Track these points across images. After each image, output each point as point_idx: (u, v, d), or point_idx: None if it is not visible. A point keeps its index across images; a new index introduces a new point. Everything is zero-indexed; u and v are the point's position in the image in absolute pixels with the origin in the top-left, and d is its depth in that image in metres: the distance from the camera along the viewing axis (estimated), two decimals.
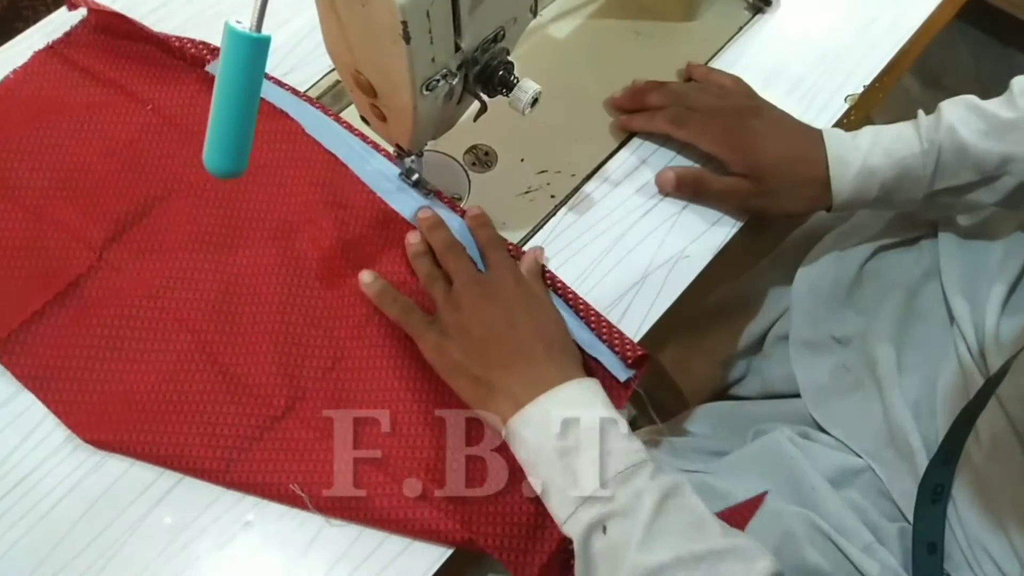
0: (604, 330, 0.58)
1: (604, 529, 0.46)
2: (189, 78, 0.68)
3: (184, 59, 0.68)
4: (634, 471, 0.47)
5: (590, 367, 0.57)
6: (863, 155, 0.61)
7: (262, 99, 0.65)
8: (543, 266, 0.60)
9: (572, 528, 0.47)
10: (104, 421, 0.54)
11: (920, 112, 0.63)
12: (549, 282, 0.60)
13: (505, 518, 0.52)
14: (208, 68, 0.68)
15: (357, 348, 0.57)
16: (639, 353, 0.57)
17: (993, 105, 0.61)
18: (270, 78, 0.68)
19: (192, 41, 0.69)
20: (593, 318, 0.59)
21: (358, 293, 0.59)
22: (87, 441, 0.54)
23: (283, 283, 0.59)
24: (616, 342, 0.57)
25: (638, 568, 0.44)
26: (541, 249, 0.62)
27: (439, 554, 0.52)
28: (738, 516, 0.57)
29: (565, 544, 0.51)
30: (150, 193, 0.62)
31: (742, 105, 0.66)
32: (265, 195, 0.62)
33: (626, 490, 0.46)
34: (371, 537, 0.52)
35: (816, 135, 0.63)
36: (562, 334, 0.55)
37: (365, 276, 0.58)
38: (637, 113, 0.69)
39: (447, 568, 0.52)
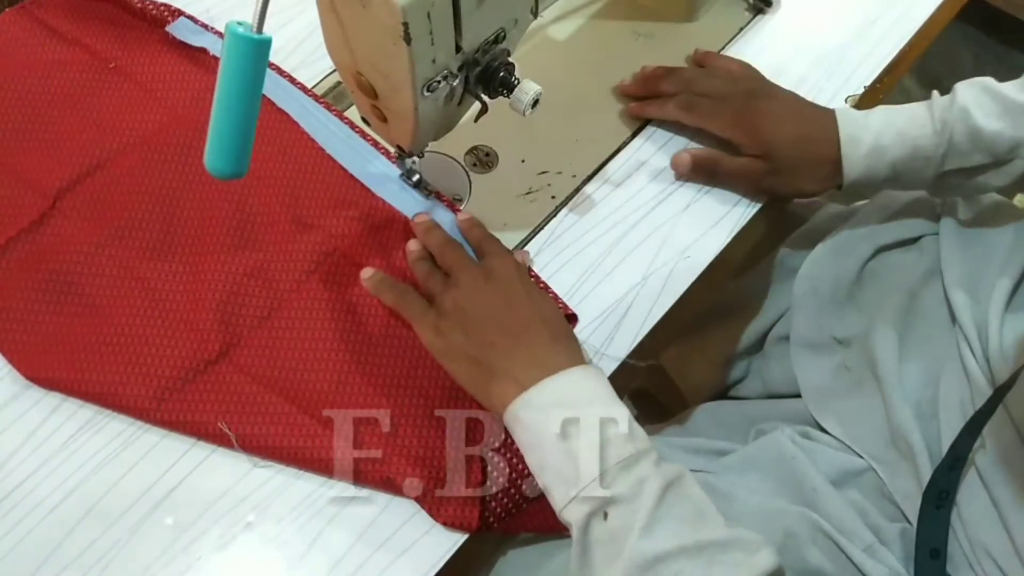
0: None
1: (605, 516, 0.45)
2: (151, 38, 0.70)
3: (146, 20, 0.71)
4: (637, 459, 0.46)
5: None
6: (874, 134, 0.61)
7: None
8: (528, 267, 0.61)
9: (571, 514, 0.46)
10: (46, 361, 0.56)
11: (935, 93, 0.63)
12: None
13: (424, 461, 0.53)
14: (168, 29, 0.70)
15: (295, 300, 0.59)
16: (567, 312, 0.59)
17: (1008, 88, 0.61)
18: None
19: (153, 3, 0.71)
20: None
21: (301, 249, 0.60)
22: (28, 379, 0.56)
23: (227, 234, 0.61)
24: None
25: (639, 555, 0.43)
26: (527, 252, 0.63)
27: (440, 555, 0.52)
28: None
29: (483, 487, 0.52)
30: (107, 146, 0.64)
31: (752, 88, 0.66)
32: None
33: (629, 477, 0.46)
34: (372, 539, 0.53)
35: (829, 115, 0.63)
36: (561, 320, 0.55)
37: (365, 272, 0.58)
38: (648, 100, 0.69)
39: (448, 569, 0.52)
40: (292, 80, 0.68)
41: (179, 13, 0.70)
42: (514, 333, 0.52)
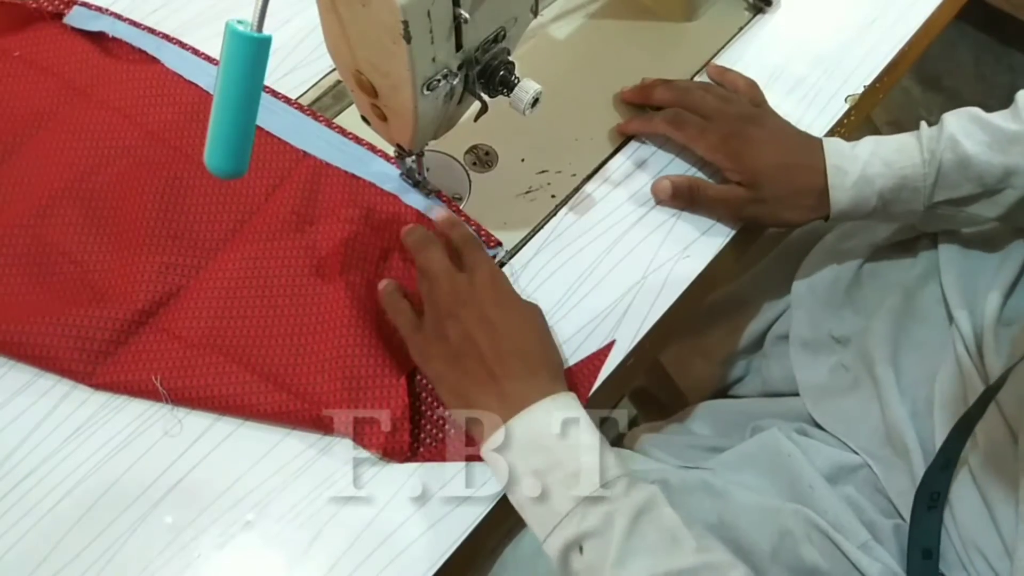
0: None
1: (580, 549, 0.46)
2: (53, 29, 0.71)
3: (44, 18, 0.72)
4: (606, 489, 0.47)
5: None
6: (862, 164, 0.60)
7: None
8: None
9: (551, 547, 0.48)
10: None
11: (923, 123, 0.62)
12: None
13: (353, 396, 0.55)
14: (65, 20, 0.71)
15: (223, 258, 0.60)
16: (491, 243, 0.61)
17: (997, 117, 0.60)
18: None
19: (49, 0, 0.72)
20: None
21: (223, 206, 0.62)
22: None
23: (147, 201, 0.62)
24: None
25: None
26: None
27: (438, 555, 0.52)
28: (590, 366, 0.59)
29: (410, 414, 0.55)
30: (18, 132, 0.66)
31: (743, 112, 0.65)
32: (137, 131, 0.66)
33: (599, 510, 0.47)
34: (371, 538, 0.53)
35: (815, 144, 0.62)
36: (540, 340, 0.55)
37: (382, 283, 0.58)
38: (635, 116, 0.69)
39: (447, 569, 0.52)
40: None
41: (73, 2, 0.71)
42: (491, 368, 0.52)
